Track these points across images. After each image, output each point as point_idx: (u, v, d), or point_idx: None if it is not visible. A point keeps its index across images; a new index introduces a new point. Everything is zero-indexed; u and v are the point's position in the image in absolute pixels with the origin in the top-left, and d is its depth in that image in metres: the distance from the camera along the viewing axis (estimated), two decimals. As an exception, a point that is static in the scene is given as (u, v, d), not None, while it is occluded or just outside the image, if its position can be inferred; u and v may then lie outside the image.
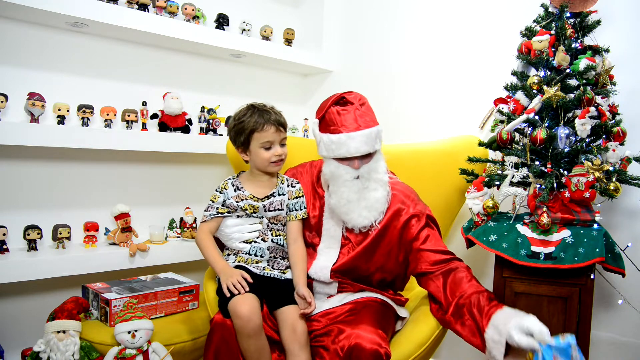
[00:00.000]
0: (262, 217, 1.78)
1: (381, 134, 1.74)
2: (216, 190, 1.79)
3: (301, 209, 1.81)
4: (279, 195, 1.80)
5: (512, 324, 1.42)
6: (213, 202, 1.77)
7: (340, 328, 1.56)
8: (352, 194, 1.69)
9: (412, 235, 1.73)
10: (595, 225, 1.63)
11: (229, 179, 1.81)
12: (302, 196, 1.83)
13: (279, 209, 1.79)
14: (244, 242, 1.75)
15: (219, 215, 1.76)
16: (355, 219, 1.70)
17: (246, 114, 1.74)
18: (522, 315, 1.45)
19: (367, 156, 1.71)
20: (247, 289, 1.60)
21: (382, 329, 1.56)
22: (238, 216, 1.77)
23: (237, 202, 1.75)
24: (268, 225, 1.78)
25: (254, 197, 1.77)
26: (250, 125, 1.71)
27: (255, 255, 1.75)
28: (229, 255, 1.79)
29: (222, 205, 1.76)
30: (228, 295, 1.59)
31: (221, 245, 1.85)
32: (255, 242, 1.76)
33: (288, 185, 1.83)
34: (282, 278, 1.76)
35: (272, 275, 1.75)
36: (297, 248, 1.78)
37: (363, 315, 1.62)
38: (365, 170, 1.69)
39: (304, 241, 1.81)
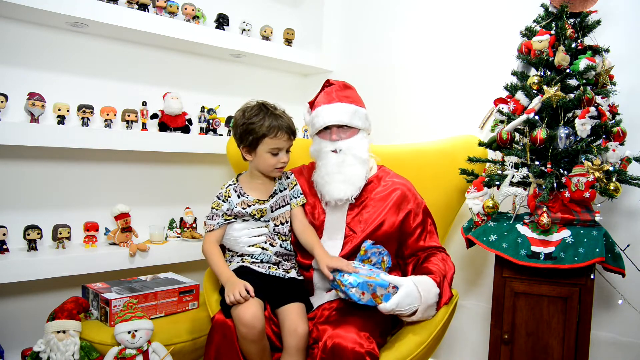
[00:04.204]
0: (268, 221, 1.78)
1: (364, 115, 1.83)
2: (218, 198, 1.77)
3: (299, 196, 1.85)
4: (281, 191, 1.81)
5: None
6: (216, 210, 1.75)
7: (326, 328, 1.56)
8: (330, 166, 1.77)
9: (409, 229, 1.81)
10: (595, 225, 1.63)
11: (230, 184, 1.80)
12: (297, 183, 1.87)
13: (282, 205, 1.80)
14: (251, 246, 1.75)
15: (226, 222, 1.76)
16: (332, 191, 1.76)
17: (258, 115, 1.69)
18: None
19: (346, 131, 1.79)
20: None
21: (368, 329, 1.56)
22: (244, 220, 1.77)
23: (243, 208, 1.75)
24: (274, 229, 1.79)
25: (258, 200, 1.77)
26: (263, 130, 1.68)
27: (262, 262, 1.76)
28: (232, 257, 1.79)
29: (227, 212, 1.75)
30: (231, 304, 1.59)
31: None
32: (264, 248, 1.76)
33: (286, 178, 1.86)
34: (286, 277, 1.77)
35: (276, 275, 1.75)
36: (309, 234, 1.78)
37: (348, 314, 1.62)
38: (344, 145, 1.78)
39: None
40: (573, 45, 1.77)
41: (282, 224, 1.81)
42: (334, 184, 1.76)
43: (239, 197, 1.77)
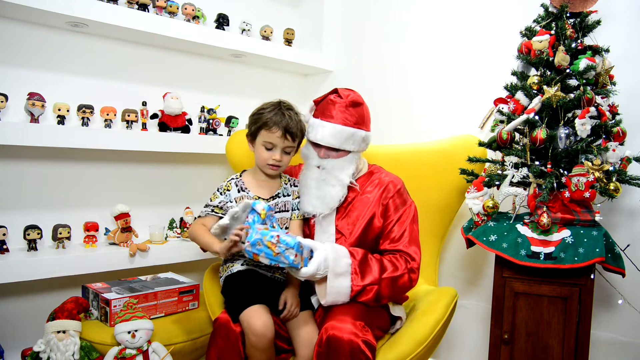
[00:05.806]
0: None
1: (360, 138, 1.75)
2: (217, 190, 1.77)
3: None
4: (284, 196, 1.79)
5: None
6: (211, 200, 1.76)
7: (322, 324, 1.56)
8: (310, 180, 1.76)
9: (384, 227, 1.76)
10: (595, 225, 1.63)
11: (232, 178, 1.79)
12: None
13: (283, 211, 1.78)
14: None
15: (214, 214, 1.74)
16: (304, 204, 1.77)
17: (269, 107, 1.72)
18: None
19: (336, 152, 1.75)
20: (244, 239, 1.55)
21: (363, 318, 1.55)
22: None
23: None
24: None
25: (258, 198, 1.75)
26: (262, 121, 1.70)
27: (266, 265, 1.75)
28: (235, 259, 1.75)
29: (218, 205, 1.74)
30: (240, 242, 1.55)
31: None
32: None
33: (291, 185, 1.83)
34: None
35: (280, 280, 1.74)
36: None
37: (342, 308, 1.61)
38: (329, 164, 1.75)
39: None
40: (573, 45, 1.77)
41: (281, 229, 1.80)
42: (308, 197, 1.76)
43: (239, 191, 1.75)
